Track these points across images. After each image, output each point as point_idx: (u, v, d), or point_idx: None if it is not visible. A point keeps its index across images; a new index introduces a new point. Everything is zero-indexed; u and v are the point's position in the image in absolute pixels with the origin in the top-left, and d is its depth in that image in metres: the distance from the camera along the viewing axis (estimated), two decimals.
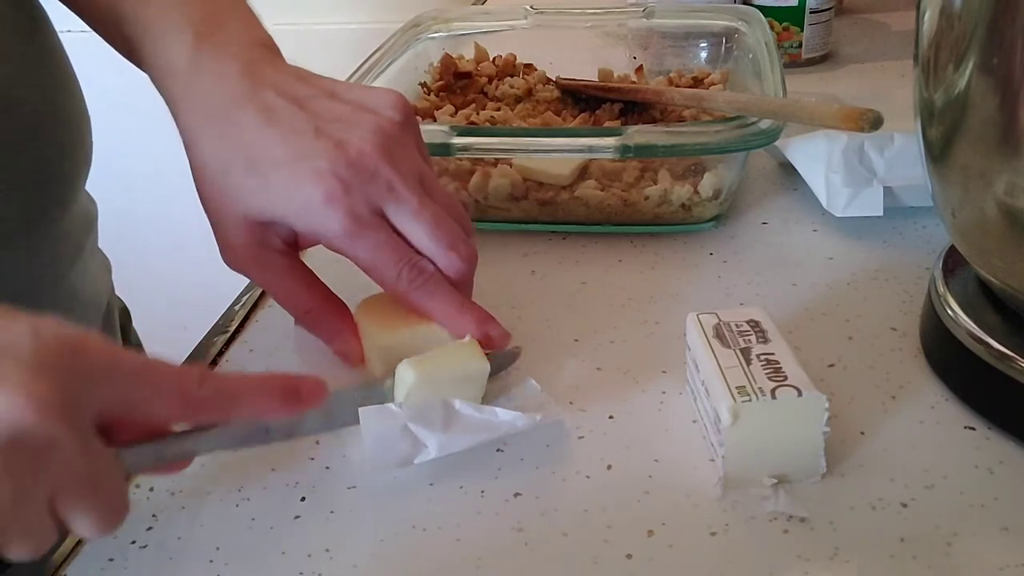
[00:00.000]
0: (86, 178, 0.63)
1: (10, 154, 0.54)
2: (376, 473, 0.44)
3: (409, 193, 0.47)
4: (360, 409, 0.43)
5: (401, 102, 0.50)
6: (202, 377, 0.38)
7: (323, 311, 0.51)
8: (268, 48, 0.52)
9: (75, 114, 0.61)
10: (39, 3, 0.59)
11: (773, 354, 0.44)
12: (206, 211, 0.49)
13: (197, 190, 0.50)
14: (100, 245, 0.68)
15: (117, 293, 0.73)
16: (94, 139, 0.63)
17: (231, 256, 0.49)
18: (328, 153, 0.46)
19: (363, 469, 0.44)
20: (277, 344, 0.55)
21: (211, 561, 0.41)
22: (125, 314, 0.75)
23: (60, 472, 0.34)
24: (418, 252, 0.48)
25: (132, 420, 0.38)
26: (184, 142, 0.50)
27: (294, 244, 0.50)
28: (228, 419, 0.41)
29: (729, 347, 0.44)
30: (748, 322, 0.46)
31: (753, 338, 0.45)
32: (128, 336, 0.75)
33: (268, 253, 0.49)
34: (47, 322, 0.36)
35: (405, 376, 0.45)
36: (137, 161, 1.69)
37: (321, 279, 0.52)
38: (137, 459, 0.39)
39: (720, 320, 0.46)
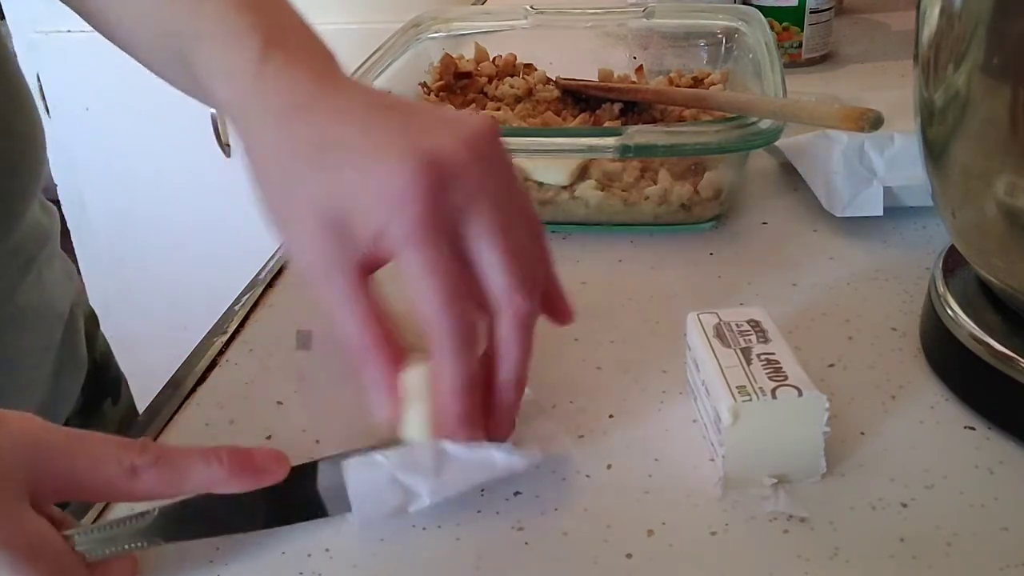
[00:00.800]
0: (35, 194, 0.61)
1: None
2: (368, 527, 0.42)
3: (495, 208, 0.40)
4: (344, 465, 0.41)
5: (494, 124, 0.43)
6: (144, 446, 0.38)
7: (379, 351, 0.42)
8: (335, 61, 0.46)
9: (24, 129, 0.58)
10: None
11: (773, 354, 0.44)
12: (273, 218, 0.43)
13: (260, 198, 0.44)
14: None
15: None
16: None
17: (301, 263, 0.43)
18: (413, 146, 0.39)
19: (354, 525, 0.42)
20: (277, 344, 0.55)
21: (211, 561, 0.41)
22: (92, 320, 0.72)
23: None
24: (479, 290, 0.40)
25: (69, 498, 0.37)
26: (245, 146, 0.44)
27: (367, 268, 0.42)
28: (176, 492, 0.38)
29: (729, 347, 0.44)
30: (748, 322, 0.46)
31: (753, 338, 0.45)
32: (94, 344, 0.71)
33: (335, 274, 0.41)
34: None
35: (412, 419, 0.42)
36: (137, 161, 1.69)
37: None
38: (87, 542, 0.38)
39: (720, 320, 0.46)
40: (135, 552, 0.39)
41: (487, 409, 0.41)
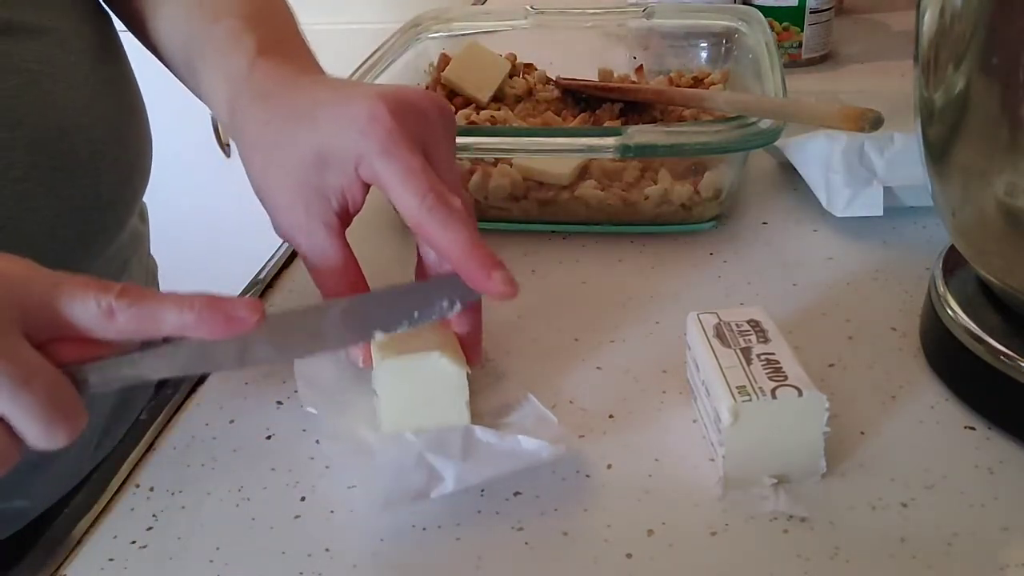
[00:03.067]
0: (140, 201, 0.64)
1: (70, 180, 0.54)
2: (390, 509, 0.42)
3: (448, 139, 0.47)
4: (374, 438, 0.42)
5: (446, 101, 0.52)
6: (123, 290, 0.39)
7: (351, 293, 0.48)
8: (319, 65, 0.54)
9: (137, 141, 0.61)
10: (114, 27, 0.61)
11: (773, 354, 0.44)
12: (256, 184, 0.49)
13: (248, 168, 0.49)
14: None
15: None
16: None
17: (279, 221, 0.49)
18: (379, 90, 0.46)
19: (376, 504, 0.42)
20: None
21: (211, 561, 0.41)
22: None
23: None
24: None
25: (57, 332, 0.39)
26: (237, 132, 0.50)
27: (342, 219, 0.48)
28: (150, 334, 0.40)
29: (729, 347, 0.44)
30: (748, 322, 0.46)
31: (753, 338, 0.45)
32: None
33: (314, 223, 0.47)
34: None
35: (374, 357, 0.44)
36: None
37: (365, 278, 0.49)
38: (80, 374, 0.39)
39: (720, 320, 0.46)
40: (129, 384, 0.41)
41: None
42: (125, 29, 0.63)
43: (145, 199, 0.67)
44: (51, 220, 0.54)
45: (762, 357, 0.43)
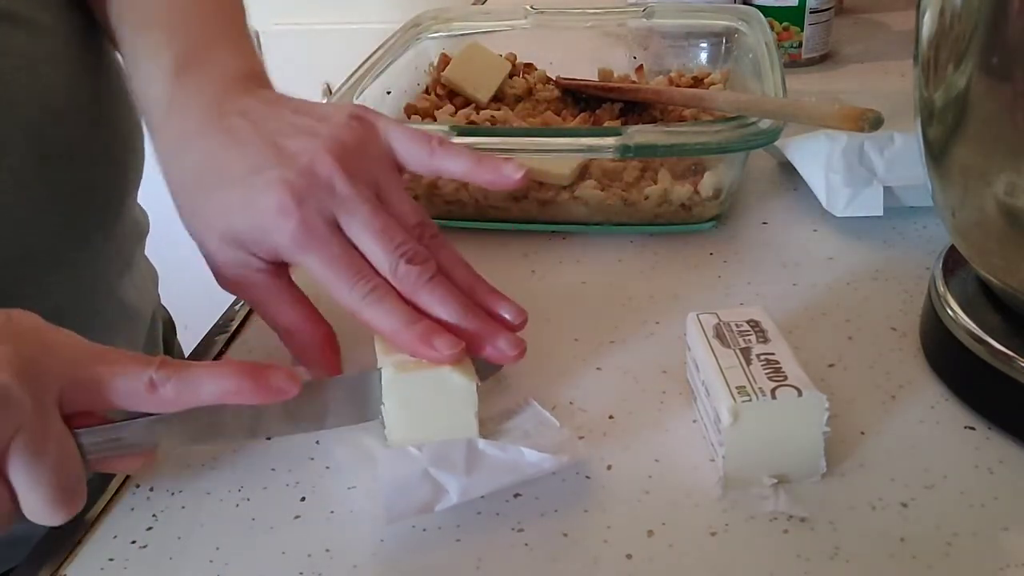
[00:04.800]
0: (137, 189, 0.63)
1: (58, 165, 0.54)
2: (393, 523, 0.41)
3: (360, 201, 0.46)
4: (378, 453, 0.42)
5: (360, 111, 0.50)
6: (162, 362, 0.40)
7: (303, 330, 0.49)
8: (247, 77, 0.52)
9: (127, 124, 0.61)
10: (96, 20, 0.60)
11: (773, 354, 0.44)
12: (190, 234, 0.49)
13: (179, 216, 0.50)
14: None
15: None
16: None
17: (218, 277, 0.49)
18: (282, 164, 0.46)
19: (379, 519, 0.41)
20: (277, 344, 0.55)
21: (211, 561, 0.41)
22: (169, 326, 0.75)
23: (10, 424, 0.36)
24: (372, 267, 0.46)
25: (94, 407, 0.40)
26: (161, 171, 0.50)
27: (281, 263, 0.48)
28: (192, 403, 0.40)
29: (729, 347, 0.44)
30: (748, 322, 0.46)
31: (753, 338, 0.45)
32: (171, 350, 0.75)
33: (250, 273, 0.48)
34: (16, 310, 0.39)
35: (384, 372, 0.44)
36: None
37: (309, 301, 0.50)
38: (94, 440, 0.40)
39: (720, 320, 0.46)
40: (138, 452, 0.41)
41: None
42: None
43: (145, 199, 0.67)
44: (44, 205, 0.54)
45: (762, 357, 0.43)
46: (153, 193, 0.66)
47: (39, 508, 0.37)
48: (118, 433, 0.40)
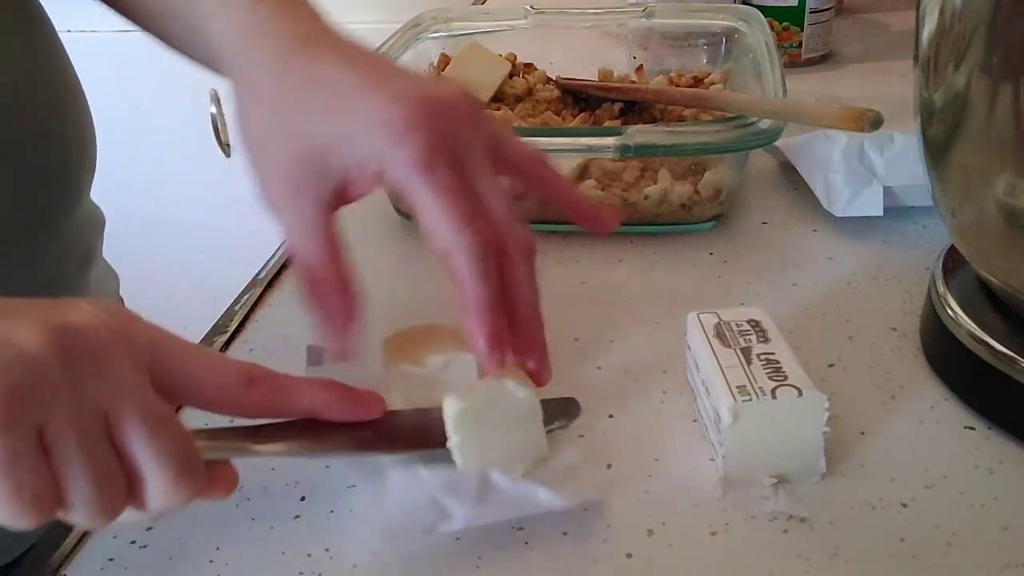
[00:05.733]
0: (90, 183, 0.62)
1: (14, 154, 0.53)
2: (387, 543, 0.41)
3: (483, 152, 0.42)
4: (388, 472, 0.41)
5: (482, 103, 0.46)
6: (255, 366, 0.39)
7: (333, 284, 0.43)
8: (324, 16, 0.47)
9: (77, 117, 0.60)
10: (40, 5, 0.59)
11: (773, 354, 0.44)
12: (250, 150, 0.44)
13: (241, 114, 0.44)
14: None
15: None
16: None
17: (265, 186, 0.43)
18: (411, 85, 0.41)
19: (381, 536, 0.41)
20: (276, 344, 0.55)
21: (211, 561, 0.41)
22: None
23: (118, 385, 0.34)
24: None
25: (175, 399, 0.37)
26: (238, 80, 0.45)
27: (335, 202, 0.44)
28: (281, 411, 0.39)
29: (729, 347, 0.44)
30: (748, 322, 0.46)
31: (753, 338, 0.45)
32: None
33: (305, 198, 0.42)
34: (107, 301, 0.38)
35: (450, 409, 0.41)
36: (136, 161, 1.70)
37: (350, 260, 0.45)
38: (197, 440, 0.37)
39: (721, 320, 0.46)
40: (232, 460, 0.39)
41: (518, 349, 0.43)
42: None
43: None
44: None
45: (762, 357, 0.43)
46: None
47: (163, 483, 0.34)
48: (216, 433, 0.38)
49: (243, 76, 0.44)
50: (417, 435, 0.43)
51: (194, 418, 0.42)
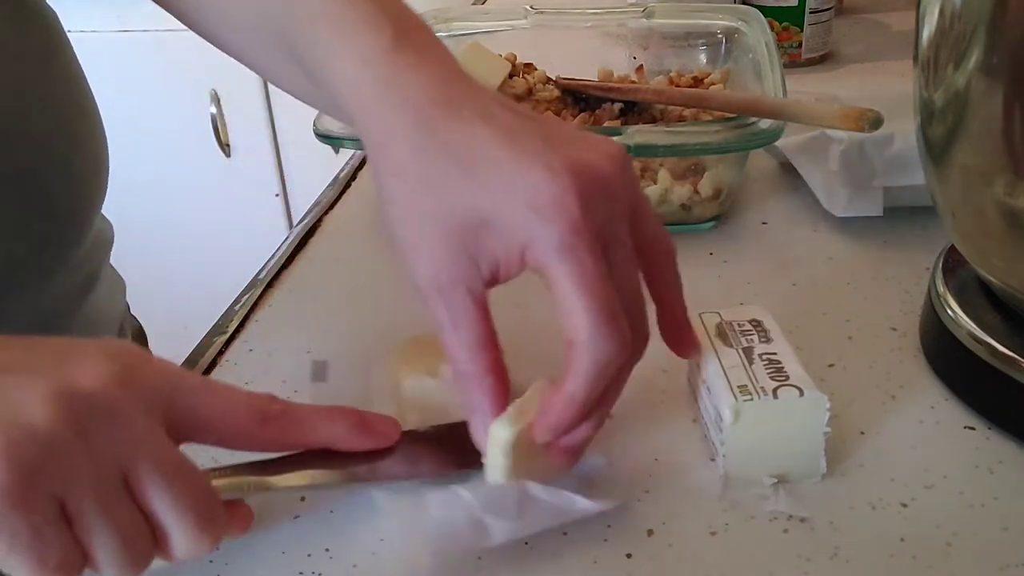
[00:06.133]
0: (102, 202, 0.60)
1: (18, 186, 0.51)
2: (438, 559, 0.40)
3: (627, 234, 0.39)
4: (426, 494, 0.40)
5: (623, 150, 0.40)
6: (272, 398, 0.38)
7: (491, 377, 0.41)
8: (456, 60, 0.44)
9: (90, 139, 0.57)
10: (54, 18, 0.56)
11: (775, 354, 0.44)
12: (396, 231, 0.40)
13: (382, 192, 0.40)
14: None
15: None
16: None
17: (417, 272, 0.40)
18: (564, 156, 0.37)
19: (354, 524, 0.42)
20: (276, 345, 0.55)
21: (211, 561, 0.41)
22: (139, 335, 0.72)
23: (132, 441, 0.33)
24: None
25: (191, 438, 0.37)
26: (374, 148, 0.41)
27: (488, 286, 0.41)
28: (298, 444, 0.39)
29: (732, 346, 0.44)
30: (751, 321, 0.46)
31: (755, 337, 0.45)
32: None
33: (457, 291, 0.39)
34: (115, 341, 0.37)
35: (501, 436, 0.40)
36: (137, 161, 1.70)
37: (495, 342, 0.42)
38: (215, 479, 0.38)
39: (723, 319, 0.46)
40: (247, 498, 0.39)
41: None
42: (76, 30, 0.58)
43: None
44: (3, 228, 0.50)
45: (764, 357, 0.43)
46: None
47: (185, 535, 0.35)
48: (232, 471, 0.38)
49: (381, 146, 0.40)
50: (440, 456, 0.43)
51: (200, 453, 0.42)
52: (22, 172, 0.51)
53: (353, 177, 0.76)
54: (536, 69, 0.82)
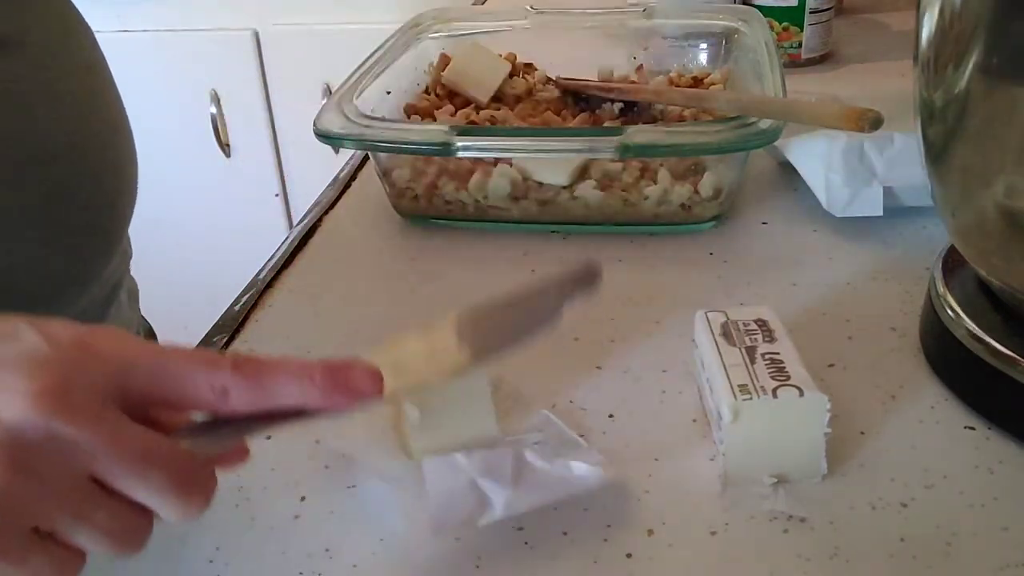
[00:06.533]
0: (129, 224, 0.60)
1: (61, 199, 0.51)
2: (438, 536, 0.40)
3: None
4: (425, 462, 0.41)
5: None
6: (235, 366, 0.36)
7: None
8: None
9: (124, 161, 0.58)
10: (95, 40, 0.56)
11: (778, 353, 0.44)
12: None
13: None
14: None
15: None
16: None
17: None
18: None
19: (425, 529, 0.40)
20: (276, 345, 0.55)
21: (211, 561, 0.41)
22: (150, 337, 0.72)
23: (81, 452, 0.32)
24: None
25: (158, 415, 0.36)
26: None
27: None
28: (270, 408, 0.37)
29: (735, 345, 0.44)
30: (756, 321, 0.46)
31: (759, 337, 0.45)
32: None
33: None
34: (55, 325, 0.34)
35: (411, 418, 0.42)
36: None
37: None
38: (192, 440, 0.36)
39: (728, 319, 0.46)
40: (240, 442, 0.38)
41: None
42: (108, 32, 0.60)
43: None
44: (39, 249, 0.51)
45: (766, 356, 0.43)
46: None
47: (171, 509, 0.34)
48: (216, 430, 0.37)
49: None
50: None
51: None
52: (66, 186, 0.51)
53: (353, 177, 0.76)
54: (536, 69, 0.82)
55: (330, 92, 1.56)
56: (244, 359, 0.36)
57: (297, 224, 0.70)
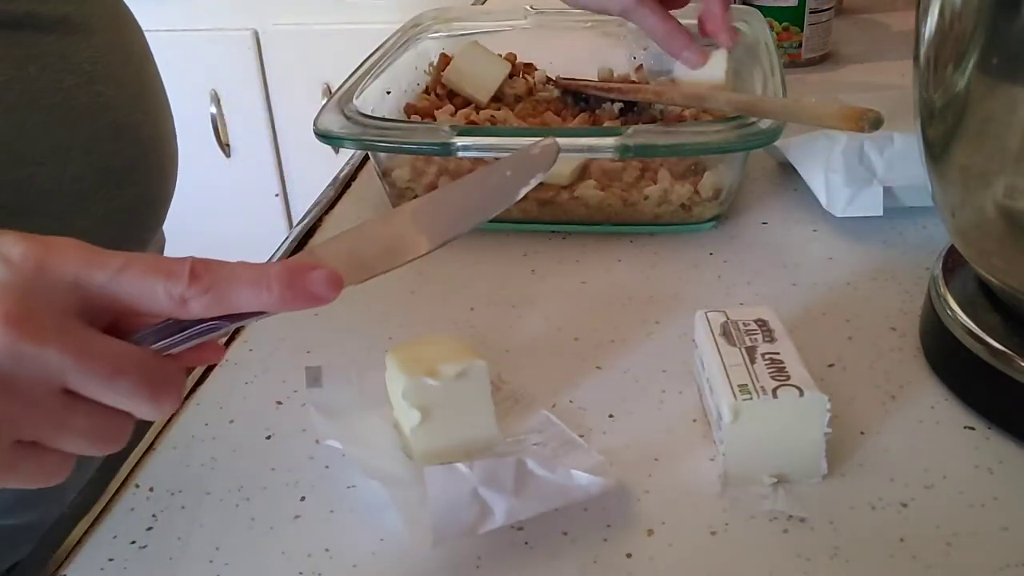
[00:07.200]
0: (169, 203, 0.65)
1: (118, 180, 0.55)
2: (438, 544, 0.40)
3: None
4: (426, 470, 0.40)
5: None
6: (193, 274, 0.36)
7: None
8: None
9: (172, 140, 0.62)
10: (141, 28, 0.61)
11: (778, 353, 0.44)
12: None
13: None
14: None
15: None
16: None
17: None
18: None
19: (426, 538, 0.39)
20: (276, 345, 0.55)
21: (211, 561, 0.41)
22: None
23: (50, 364, 0.33)
24: None
25: (120, 320, 0.37)
26: None
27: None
28: (229, 313, 0.37)
29: (735, 345, 0.44)
30: (756, 321, 0.46)
31: (760, 337, 0.45)
32: None
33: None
34: (9, 242, 0.35)
35: (396, 381, 0.44)
36: None
37: None
38: (158, 340, 0.37)
39: (728, 318, 0.46)
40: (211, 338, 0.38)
41: None
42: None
43: None
44: (99, 220, 0.54)
45: (766, 356, 0.43)
46: None
47: (143, 410, 0.36)
48: (177, 329, 0.37)
49: None
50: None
51: None
52: (125, 166, 0.55)
53: (353, 177, 0.76)
54: (536, 69, 0.82)
55: (330, 92, 1.55)
56: (203, 267, 0.37)
57: (297, 224, 0.70)
